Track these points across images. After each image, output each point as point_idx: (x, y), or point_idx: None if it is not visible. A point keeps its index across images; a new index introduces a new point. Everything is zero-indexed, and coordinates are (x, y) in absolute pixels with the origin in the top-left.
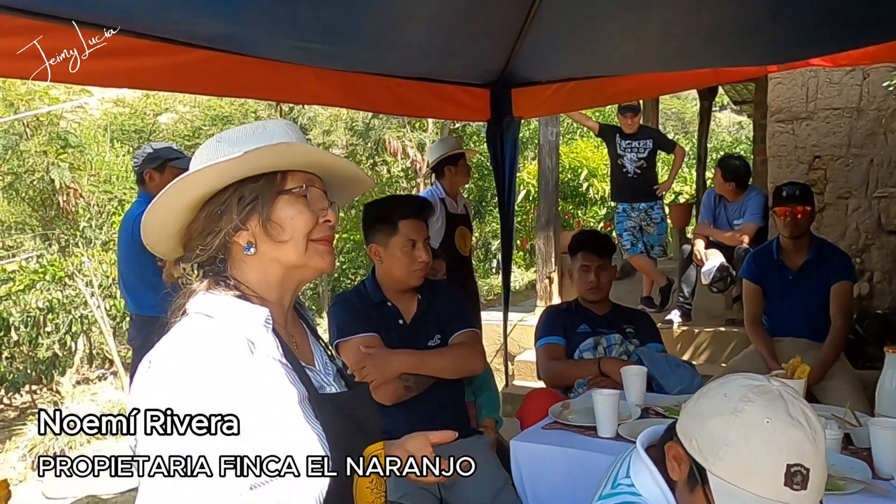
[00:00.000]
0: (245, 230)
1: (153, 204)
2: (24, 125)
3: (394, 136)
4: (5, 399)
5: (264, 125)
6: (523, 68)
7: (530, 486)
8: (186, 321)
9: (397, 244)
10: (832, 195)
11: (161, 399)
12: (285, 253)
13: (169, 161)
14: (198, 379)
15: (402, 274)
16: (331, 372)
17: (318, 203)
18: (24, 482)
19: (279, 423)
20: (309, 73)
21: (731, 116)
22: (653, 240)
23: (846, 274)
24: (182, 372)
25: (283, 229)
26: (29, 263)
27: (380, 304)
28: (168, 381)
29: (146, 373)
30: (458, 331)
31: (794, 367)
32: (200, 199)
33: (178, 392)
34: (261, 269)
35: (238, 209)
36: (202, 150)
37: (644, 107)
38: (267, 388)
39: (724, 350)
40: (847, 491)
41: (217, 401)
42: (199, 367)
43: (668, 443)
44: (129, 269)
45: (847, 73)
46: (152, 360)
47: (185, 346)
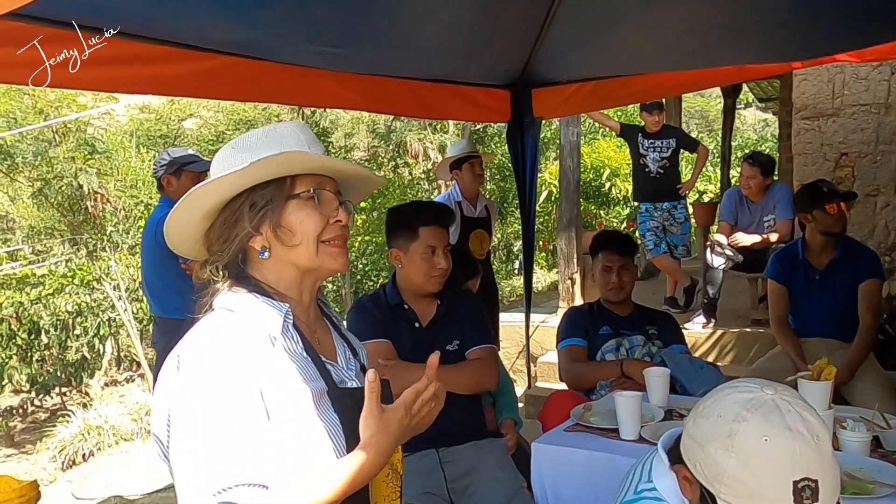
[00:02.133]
0: (259, 235)
1: (172, 213)
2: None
3: (415, 138)
4: (36, 401)
5: (275, 128)
6: (543, 68)
7: (551, 488)
8: (211, 316)
9: (417, 250)
10: (860, 192)
11: (193, 394)
12: (298, 256)
13: (185, 166)
14: (224, 370)
15: (421, 280)
16: (353, 367)
17: (328, 205)
18: (55, 482)
19: (296, 413)
20: (329, 76)
21: (757, 114)
22: (676, 240)
23: (874, 272)
24: (209, 365)
25: (293, 234)
26: (58, 267)
27: (396, 307)
28: (197, 376)
29: (176, 370)
30: (476, 345)
31: (821, 368)
32: (217, 206)
33: (208, 386)
34: (277, 270)
35: (250, 216)
36: (219, 156)
37: (667, 105)
38: (286, 380)
39: (749, 351)
40: (876, 495)
41: (244, 388)
42: (225, 360)
43: (676, 464)
44: (152, 273)
45: (874, 68)
46: (180, 355)
47: (211, 341)
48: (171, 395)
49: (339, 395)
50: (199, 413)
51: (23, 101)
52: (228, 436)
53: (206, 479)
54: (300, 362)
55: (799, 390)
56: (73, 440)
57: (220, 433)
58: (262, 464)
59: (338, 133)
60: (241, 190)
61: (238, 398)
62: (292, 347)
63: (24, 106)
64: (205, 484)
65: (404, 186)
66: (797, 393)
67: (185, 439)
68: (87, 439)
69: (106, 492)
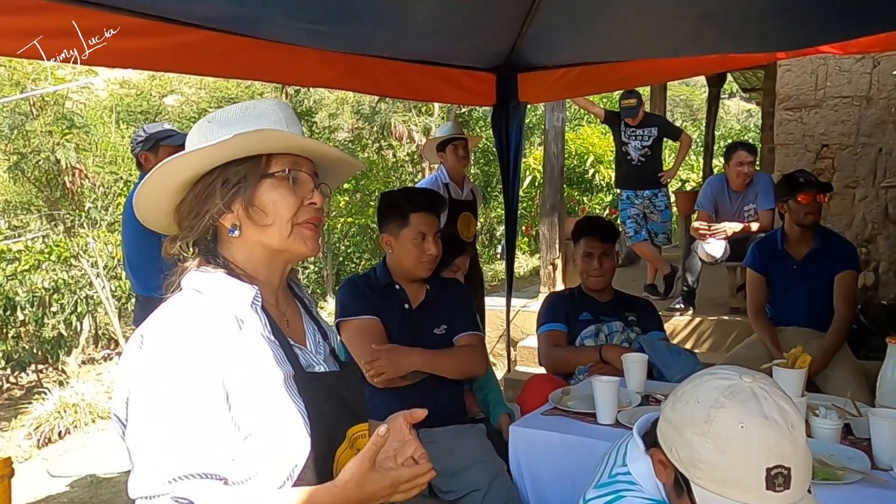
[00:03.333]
0: (230, 213)
1: (143, 184)
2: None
3: (400, 120)
4: (11, 378)
5: (254, 105)
6: (530, 52)
7: (528, 471)
8: (178, 296)
9: (408, 236)
10: (839, 184)
11: (153, 376)
12: (269, 237)
13: (161, 140)
14: (187, 355)
15: (411, 265)
16: (322, 352)
17: (304, 186)
18: (30, 460)
19: (261, 397)
20: (313, 55)
21: (740, 104)
22: (657, 227)
23: (850, 264)
24: (172, 349)
25: (265, 214)
26: (35, 244)
27: (387, 287)
28: (159, 358)
29: (139, 349)
30: (464, 331)
31: (796, 356)
32: (190, 180)
33: (169, 369)
34: (246, 250)
35: (222, 192)
36: (195, 130)
37: (652, 93)
38: (252, 363)
39: (726, 339)
40: (845, 481)
41: (205, 375)
42: (189, 344)
43: (652, 448)
44: (133, 251)
45: (857, 60)
46: (144, 335)
47: (175, 323)
48: (132, 374)
49: (305, 379)
50: (159, 395)
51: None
52: (187, 421)
53: (161, 464)
54: (267, 345)
55: (773, 377)
56: (49, 418)
57: (178, 418)
58: (219, 454)
59: (322, 113)
60: (214, 165)
61: (200, 385)
62: (259, 330)
63: (0, 77)
64: (160, 469)
65: (388, 169)
66: (775, 382)
67: (144, 420)
68: (64, 417)
69: (82, 469)
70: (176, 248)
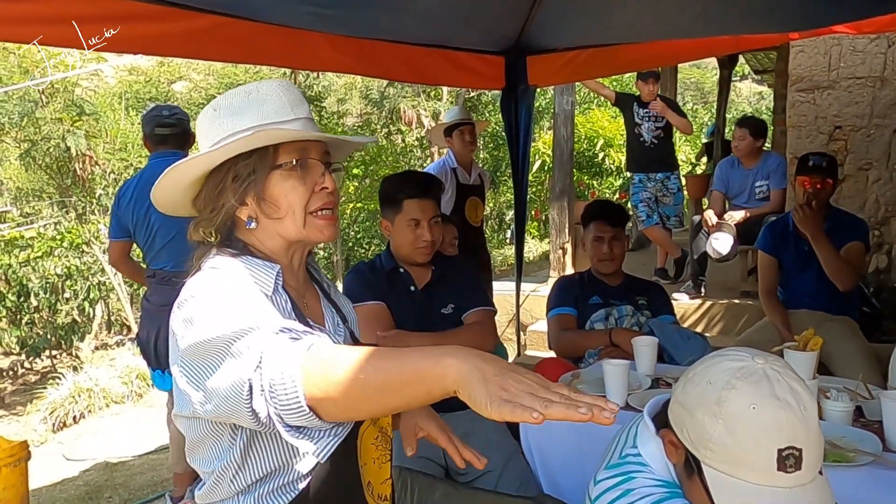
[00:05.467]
0: (244, 206)
1: (155, 187)
2: (40, 92)
3: (408, 105)
4: (26, 363)
5: (258, 88)
6: (539, 35)
7: (539, 454)
8: (201, 274)
9: (402, 222)
10: (852, 166)
11: (199, 310)
12: (284, 228)
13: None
14: (235, 287)
15: (408, 251)
16: (342, 334)
17: (314, 172)
18: (45, 444)
19: None
20: (322, 39)
21: (752, 86)
22: (669, 211)
23: (857, 235)
24: (217, 291)
25: (277, 207)
26: (47, 230)
27: (391, 271)
28: (201, 302)
29: (178, 308)
30: (473, 307)
31: (807, 339)
32: (201, 176)
33: (215, 298)
34: (265, 239)
35: (234, 188)
36: (201, 119)
37: (662, 76)
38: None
39: (737, 322)
40: (857, 463)
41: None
42: (234, 284)
43: (663, 429)
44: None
45: (871, 40)
46: (184, 298)
47: (210, 281)
48: (178, 324)
49: None
50: (214, 309)
51: (8, 60)
52: (250, 313)
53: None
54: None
55: (784, 360)
56: (64, 402)
57: (240, 312)
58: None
59: (331, 98)
60: (223, 160)
61: (252, 297)
62: (282, 309)
63: (10, 65)
64: (245, 359)
65: (397, 154)
66: (787, 363)
67: (208, 332)
68: (78, 402)
69: (97, 453)
70: (200, 234)
